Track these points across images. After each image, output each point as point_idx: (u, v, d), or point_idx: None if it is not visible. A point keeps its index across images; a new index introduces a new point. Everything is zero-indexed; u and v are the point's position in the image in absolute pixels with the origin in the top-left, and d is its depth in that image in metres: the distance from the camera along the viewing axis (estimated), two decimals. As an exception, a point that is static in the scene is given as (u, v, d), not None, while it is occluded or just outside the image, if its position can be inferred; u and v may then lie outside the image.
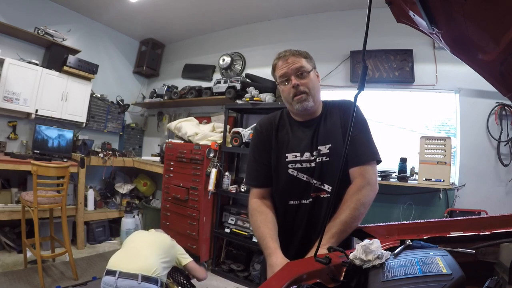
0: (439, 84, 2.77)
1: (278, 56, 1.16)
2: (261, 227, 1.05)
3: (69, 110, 3.69)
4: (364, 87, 0.73)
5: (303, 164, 1.11)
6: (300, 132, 1.16)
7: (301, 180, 1.10)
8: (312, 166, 1.10)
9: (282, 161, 1.13)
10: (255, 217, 1.11)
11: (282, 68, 1.12)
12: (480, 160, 2.58)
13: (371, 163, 1.08)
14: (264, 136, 1.19)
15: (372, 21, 0.62)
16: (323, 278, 0.76)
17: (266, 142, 1.18)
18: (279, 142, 1.16)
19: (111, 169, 3.99)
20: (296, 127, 1.18)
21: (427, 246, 0.78)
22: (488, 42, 0.67)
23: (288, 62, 1.12)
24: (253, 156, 1.21)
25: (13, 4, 3.40)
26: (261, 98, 3.10)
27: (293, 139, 1.14)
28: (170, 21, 4.05)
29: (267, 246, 0.98)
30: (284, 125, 1.19)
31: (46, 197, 2.54)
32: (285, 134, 1.17)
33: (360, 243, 0.79)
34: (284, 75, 1.12)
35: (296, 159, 1.11)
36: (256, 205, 1.14)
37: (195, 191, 3.12)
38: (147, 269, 1.66)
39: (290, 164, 1.11)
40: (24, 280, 2.46)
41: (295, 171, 1.11)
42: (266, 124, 1.21)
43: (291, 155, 1.12)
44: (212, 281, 2.91)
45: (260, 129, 1.21)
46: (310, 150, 1.11)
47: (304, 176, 1.10)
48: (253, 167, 1.20)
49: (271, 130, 1.18)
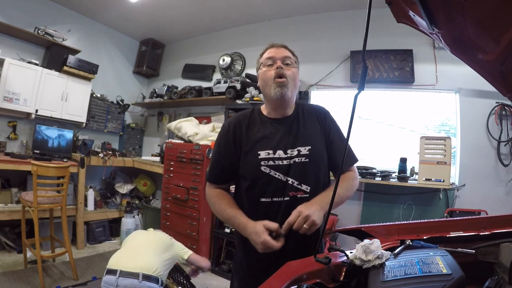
0: (439, 84, 2.77)
1: (271, 44, 1.21)
2: (228, 209, 1.10)
3: (69, 110, 3.69)
4: (364, 87, 0.73)
5: (276, 161, 1.09)
6: (272, 129, 1.14)
7: (273, 178, 1.08)
8: (286, 164, 1.09)
9: (254, 158, 1.10)
10: (218, 202, 1.14)
11: (271, 52, 1.16)
12: (480, 160, 2.58)
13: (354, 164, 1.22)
14: (230, 136, 1.16)
15: (372, 21, 0.62)
16: (323, 278, 0.76)
17: (231, 142, 1.16)
18: (250, 139, 1.14)
19: (111, 169, 3.99)
20: (268, 124, 1.16)
21: (427, 246, 0.78)
22: (488, 42, 0.67)
23: (279, 49, 1.17)
24: (215, 155, 1.22)
25: (13, 4, 3.40)
26: (261, 98, 3.10)
27: (265, 136, 1.13)
28: (170, 21, 4.05)
29: (240, 221, 1.04)
30: (255, 122, 1.18)
31: (46, 197, 2.54)
32: (257, 132, 1.15)
33: (360, 243, 0.79)
34: (271, 58, 1.15)
35: (268, 157, 1.09)
36: (216, 192, 1.19)
37: (195, 191, 3.12)
38: (148, 268, 1.66)
39: (263, 161, 1.09)
40: (24, 280, 2.46)
41: (267, 168, 1.09)
42: (234, 123, 1.19)
43: (264, 152, 1.10)
44: (212, 281, 2.91)
45: (228, 128, 1.19)
46: (283, 148, 1.10)
47: (277, 173, 1.08)
48: (213, 167, 1.22)
49: (240, 128, 1.17)
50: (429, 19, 0.66)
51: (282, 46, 1.19)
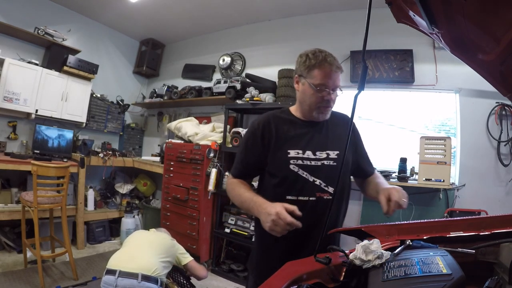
0: (439, 84, 2.77)
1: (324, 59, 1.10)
2: (246, 192, 1.12)
3: (69, 110, 3.69)
4: (364, 87, 0.73)
5: (304, 161, 1.13)
6: (302, 130, 1.18)
7: (300, 177, 1.12)
8: (314, 165, 1.13)
9: (283, 156, 1.14)
10: (237, 187, 1.17)
11: (325, 78, 1.10)
12: (480, 160, 2.58)
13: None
14: (258, 134, 1.19)
15: (372, 21, 0.62)
16: (323, 278, 0.76)
17: (259, 141, 1.18)
18: (280, 137, 1.17)
19: (111, 169, 3.99)
20: (299, 125, 1.20)
21: (427, 246, 0.78)
22: (488, 42, 0.67)
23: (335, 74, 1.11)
24: (242, 152, 1.25)
25: (13, 4, 3.40)
26: (261, 98, 3.10)
27: (295, 136, 1.17)
28: (170, 21, 4.05)
29: (257, 200, 1.04)
30: (285, 122, 1.21)
31: (46, 197, 2.54)
32: (287, 131, 1.18)
33: (360, 243, 0.79)
34: (325, 85, 1.10)
35: (298, 156, 1.13)
36: (236, 180, 1.23)
37: (195, 191, 3.12)
38: (147, 269, 1.67)
39: (292, 160, 1.13)
40: (24, 280, 2.46)
41: (296, 167, 1.12)
42: (264, 121, 1.21)
43: (294, 151, 1.13)
44: (212, 281, 2.91)
45: (257, 126, 1.21)
46: (312, 149, 1.14)
47: (305, 173, 1.12)
48: (238, 162, 1.26)
49: (269, 126, 1.19)
50: (429, 19, 0.66)
51: (338, 67, 1.12)
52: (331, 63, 1.10)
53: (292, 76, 3.12)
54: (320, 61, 1.10)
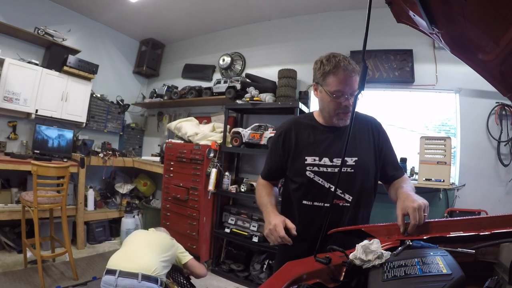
0: (439, 84, 2.77)
1: (338, 64, 1.08)
2: (265, 197, 1.24)
3: (69, 110, 3.69)
4: (364, 87, 0.73)
5: (320, 168, 1.15)
6: (322, 136, 1.20)
7: (316, 183, 1.15)
8: (330, 171, 1.14)
9: (301, 163, 1.18)
10: (260, 190, 1.30)
11: (342, 84, 1.08)
12: (480, 160, 2.58)
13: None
14: (280, 142, 1.26)
15: (372, 21, 0.62)
16: (323, 278, 0.76)
17: (280, 148, 1.26)
18: (299, 144, 1.21)
19: (111, 169, 3.99)
20: (320, 131, 1.22)
21: (427, 246, 0.78)
22: (488, 42, 0.67)
23: (351, 79, 1.08)
24: (268, 157, 1.35)
25: (13, 4, 3.40)
26: (261, 98, 3.10)
27: (314, 143, 1.19)
28: (170, 21, 4.05)
29: (267, 208, 1.17)
30: (307, 128, 1.24)
31: (46, 197, 2.54)
32: (307, 137, 1.21)
33: (360, 243, 0.79)
34: (341, 92, 1.08)
35: (314, 163, 1.16)
36: (264, 182, 1.34)
37: (195, 191, 3.12)
38: (147, 268, 1.67)
39: (308, 166, 1.16)
40: (24, 280, 2.46)
41: (312, 173, 1.16)
42: (286, 129, 1.27)
43: (310, 158, 1.17)
44: (212, 281, 2.91)
45: (279, 134, 1.28)
46: (329, 156, 1.15)
47: (320, 179, 1.15)
48: (265, 165, 1.36)
49: (291, 134, 1.24)
50: (429, 19, 0.66)
51: (353, 71, 1.08)
52: (345, 68, 1.07)
53: (292, 76, 3.14)
54: (334, 67, 1.08)
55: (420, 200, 0.93)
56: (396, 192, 1.12)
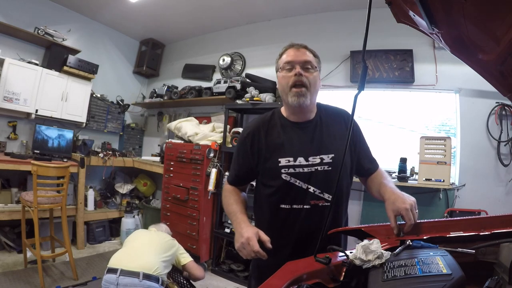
0: (439, 84, 2.77)
1: (290, 44, 1.13)
2: (234, 205, 1.13)
3: (69, 110, 3.69)
4: (364, 87, 0.73)
5: (296, 169, 1.08)
6: (293, 134, 1.13)
7: (293, 185, 1.08)
8: (307, 171, 1.08)
9: (275, 166, 1.09)
10: (228, 197, 1.19)
11: (290, 56, 1.09)
12: (480, 160, 2.58)
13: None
14: (247, 145, 1.16)
15: (372, 21, 0.62)
16: (323, 278, 0.76)
17: (248, 151, 1.16)
18: (270, 146, 1.12)
19: (111, 169, 3.99)
20: (289, 128, 1.14)
21: (427, 246, 0.78)
22: (488, 42, 0.67)
23: (299, 51, 1.09)
24: (234, 161, 1.25)
25: (13, 4, 3.39)
26: (261, 98, 3.10)
27: (286, 143, 1.11)
28: (170, 21, 4.05)
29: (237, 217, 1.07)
30: (275, 126, 1.16)
31: (46, 197, 2.54)
32: (277, 137, 1.13)
33: (360, 243, 0.79)
34: (290, 62, 1.08)
35: (289, 164, 1.08)
36: (230, 188, 1.24)
37: (195, 191, 3.12)
38: (149, 267, 1.67)
39: (283, 169, 1.08)
40: (24, 280, 2.46)
41: (288, 176, 1.08)
42: (253, 131, 1.17)
43: (284, 160, 1.09)
44: (212, 281, 2.91)
45: (246, 136, 1.18)
46: (304, 156, 1.08)
47: (297, 181, 1.08)
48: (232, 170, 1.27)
49: (259, 135, 1.15)
50: (429, 19, 0.66)
51: (303, 46, 1.11)
52: (293, 45, 1.11)
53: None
54: (285, 48, 1.13)
55: (409, 199, 0.94)
56: (378, 189, 1.10)
